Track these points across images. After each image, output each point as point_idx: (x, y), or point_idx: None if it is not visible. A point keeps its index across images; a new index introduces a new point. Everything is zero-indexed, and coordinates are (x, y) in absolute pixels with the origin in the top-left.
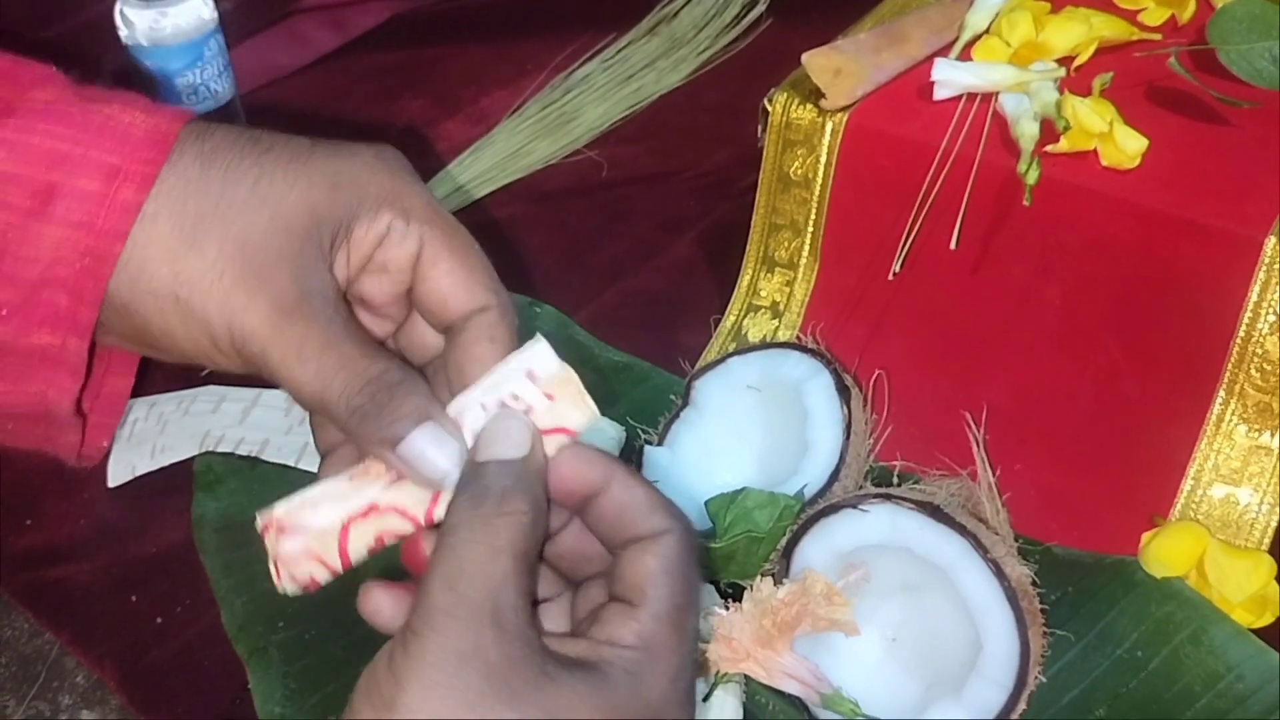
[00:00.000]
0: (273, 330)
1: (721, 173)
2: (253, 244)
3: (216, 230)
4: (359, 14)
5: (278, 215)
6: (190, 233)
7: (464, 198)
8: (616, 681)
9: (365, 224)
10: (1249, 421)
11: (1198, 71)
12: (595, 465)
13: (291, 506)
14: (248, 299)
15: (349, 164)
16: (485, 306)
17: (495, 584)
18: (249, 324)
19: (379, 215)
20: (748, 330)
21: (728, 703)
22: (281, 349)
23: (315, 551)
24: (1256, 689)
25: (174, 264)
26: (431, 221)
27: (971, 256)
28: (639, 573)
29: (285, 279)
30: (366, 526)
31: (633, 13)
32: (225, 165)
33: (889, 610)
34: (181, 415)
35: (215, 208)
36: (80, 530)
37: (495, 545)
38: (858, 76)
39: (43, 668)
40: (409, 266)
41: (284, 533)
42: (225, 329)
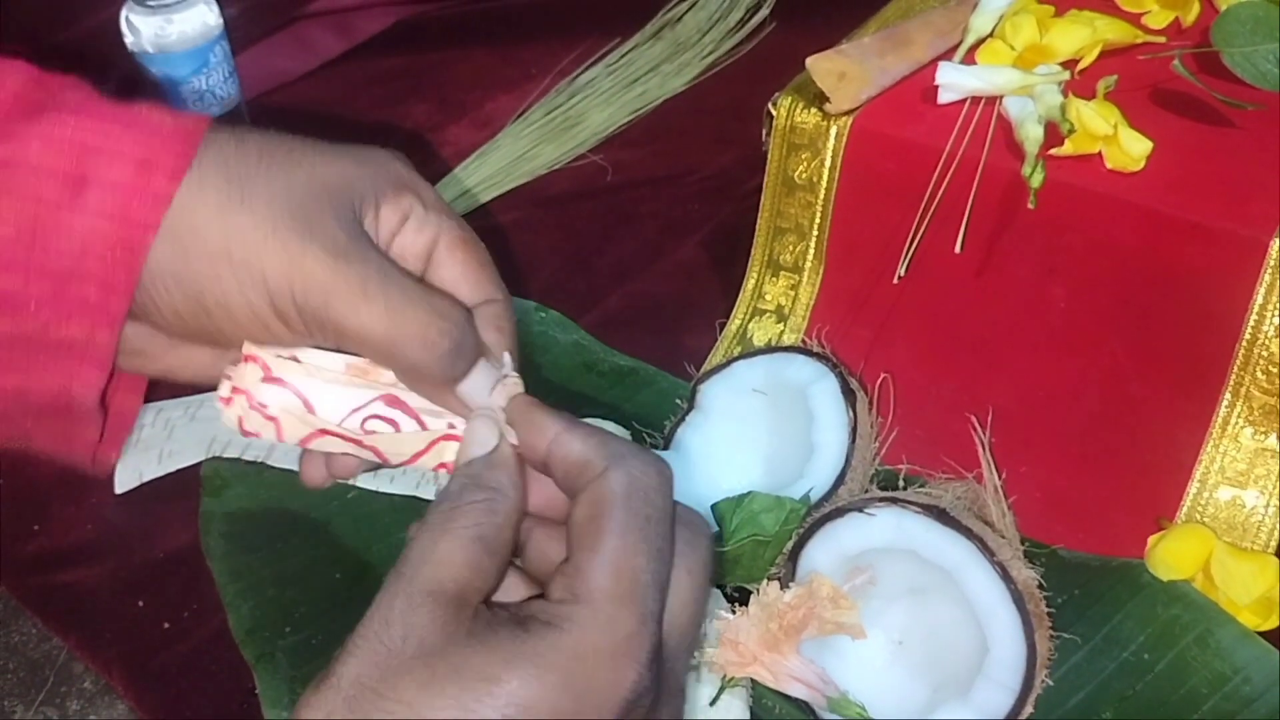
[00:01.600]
0: (333, 274)
1: (726, 176)
2: (298, 199)
3: (262, 187)
4: (364, 19)
5: (314, 176)
6: (237, 193)
7: (469, 202)
8: (533, 634)
9: (390, 203)
10: (1255, 424)
11: (1201, 74)
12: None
13: (283, 358)
14: (303, 246)
15: (370, 152)
16: (493, 299)
17: (436, 561)
18: (308, 269)
19: (402, 196)
20: (753, 334)
21: (734, 706)
22: (345, 289)
23: (281, 421)
24: (1263, 691)
25: (225, 223)
26: (446, 213)
27: (976, 259)
28: (571, 524)
29: (335, 227)
30: (337, 444)
31: (637, 17)
32: (257, 146)
33: (895, 613)
34: (188, 421)
35: (257, 171)
36: (88, 535)
37: (445, 531)
38: (862, 80)
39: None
40: (425, 254)
41: (269, 378)
42: (285, 281)
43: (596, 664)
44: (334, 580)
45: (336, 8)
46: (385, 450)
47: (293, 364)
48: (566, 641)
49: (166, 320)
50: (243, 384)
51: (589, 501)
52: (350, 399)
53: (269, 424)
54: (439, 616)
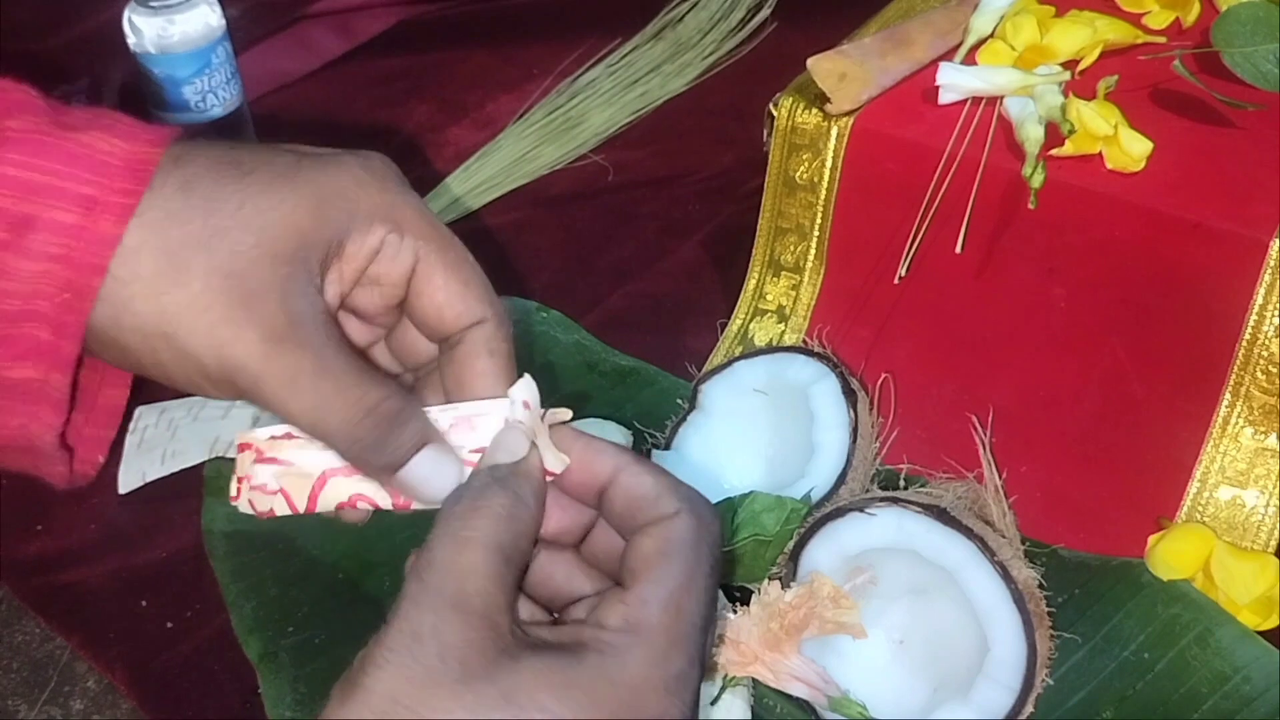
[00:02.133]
0: (264, 361)
1: (727, 176)
2: (238, 272)
3: (200, 260)
4: (365, 20)
5: (263, 241)
6: (173, 265)
7: (470, 203)
8: (586, 663)
9: (358, 239)
10: (1255, 424)
11: (1202, 74)
12: (603, 456)
13: (278, 438)
14: (236, 331)
15: (336, 179)
16: (482, 319)
17: (461, 571)
18: (238, 356)
19: (371, 230)
20: (754, 334)
21: (735, 705)
22: (274, 380)
23: (286, 488)
24: (1263, 690)
25: (159, 300)
26: (426, 235)
27: (977, 260)
28: (635, 556)
29: (273, 306)
30: (345, 484)
31: (638, 17)
32: (206, 193)
33: (896, 613)
34: (191, 421)
35: (198, 237)
36: (91, 535)
37: (465, 537)
38: (863, 81)
39: (54, 672)
40: (403, 281)
41: (261, 459)
42: (216, 363)
43: (648, 698)
44: (336, 580)
45: (338, 9)
46: None
47: (285, 441)
48: (619, 671)
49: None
50: (242, 471)
51: (660, 537)
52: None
53: (276, 498)
54: (473, 636)
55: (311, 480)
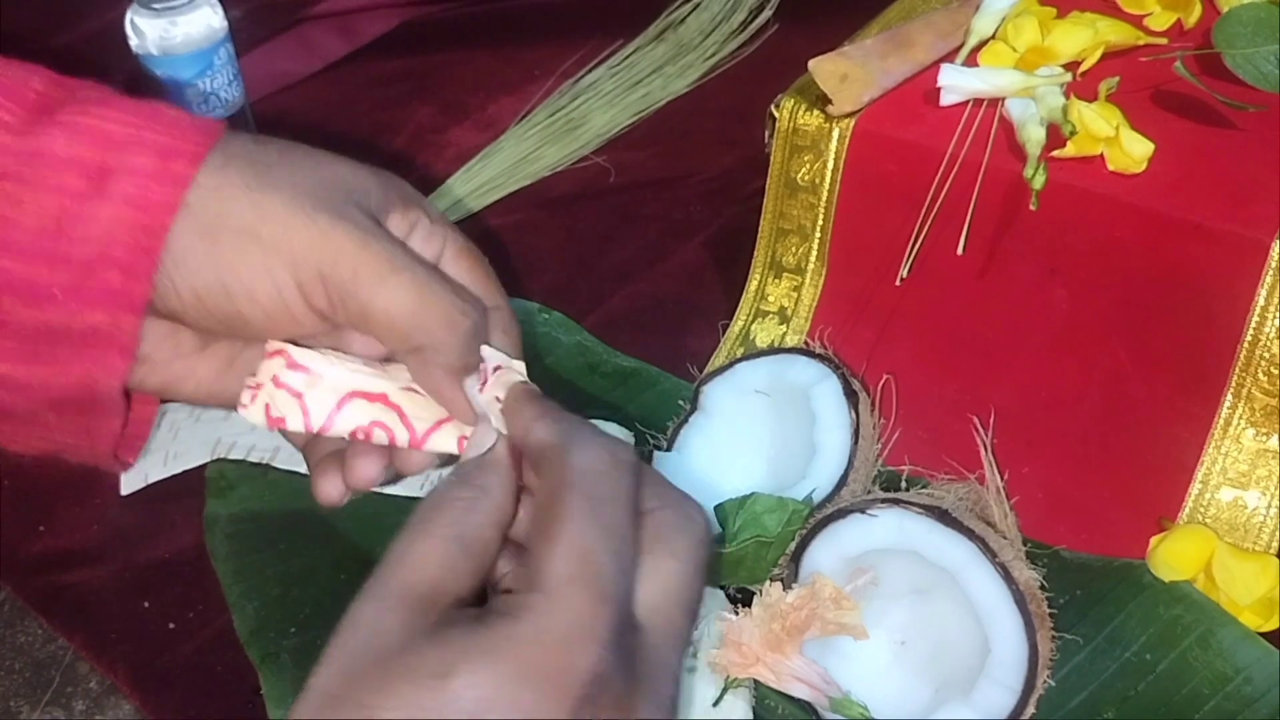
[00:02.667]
0: (362, 248)
1: (729, 177)
2: (323, 186)
3: (285, 175)
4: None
5: (335, 173)
6: (260, 177)
7: (472, 204)
8: (490, 625)
9: (400, 213)
10: (1256, 425)
11: (1203, 76)
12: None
13: (311, 355)
14: (332, 222)
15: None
16: (498, 305)
17: (411, 562)
18: (338, 244)
19: (410, 209)
20: (755, 335)
21: (737, 706)
22: (373, 265)
23: (308, 399)
24: (1264, 691)
25: (252, 201)
26: (450, 227)
27: (978, 261)
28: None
29: (359, 213)
30: (367, 409)
31: (640, 18)
32: (276, 143)
33: (897, 614)
34: (194, 423)
35: (279, 160)
36: (93, 535)
37: (423, 531)
38: (864, 82)
39: (56, 672)
40: (433, 262)
41: (292, 365)
42: (313, 257)
43: (552, 649)
44: (339, 581)
45: (340, 10)
46: (411, 414)
47: (317, 354)
48: (520, 630)
49: (186, 305)
50: (263, 377)
51: (545, 488)
52: (371, 385)
53: (294, 403)
54: (404, 619)
55: (337, 397)
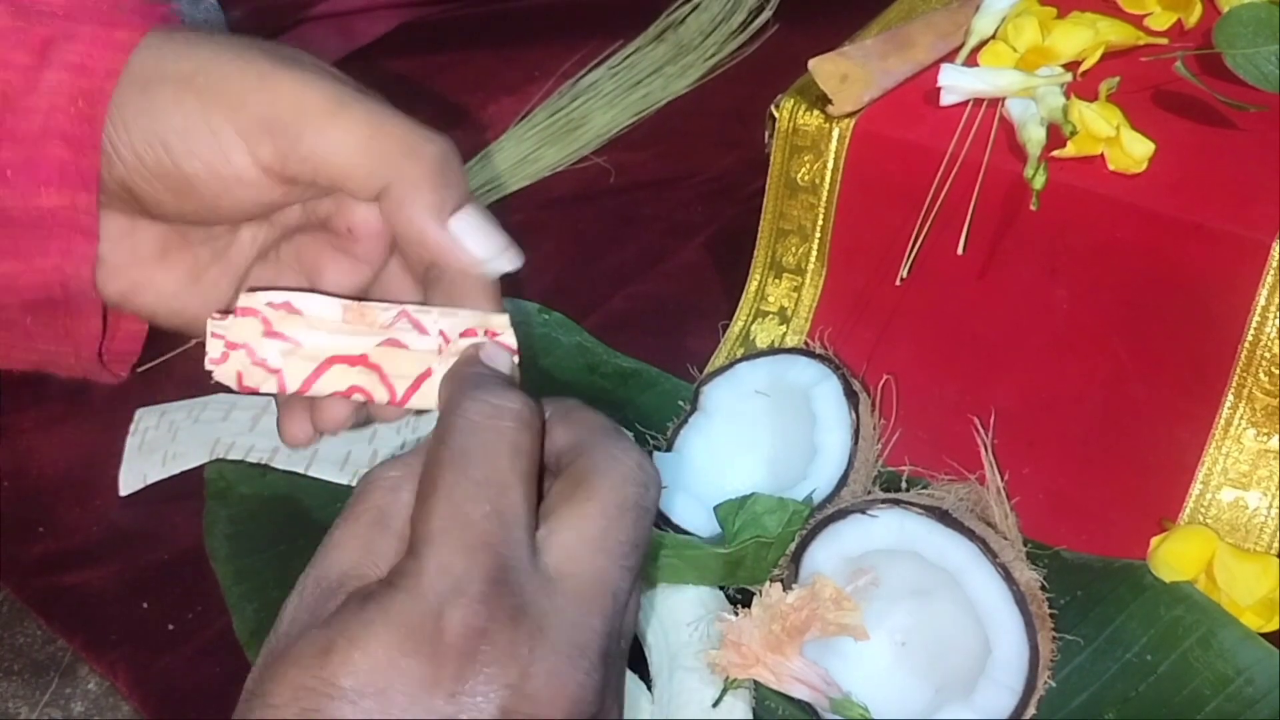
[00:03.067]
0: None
1: (729, 178)
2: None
3: (228, 39)
4: (366, 22)
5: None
6: (205, 37)
7: None
8: (375, 599)
9: None
10: (1257, 425)
11: (1204, 76)
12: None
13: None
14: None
15: None
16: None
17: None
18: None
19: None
20: (755, 335)
21: (737, 707)
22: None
23: (285, 368)
24: (1266, 692)
25: (192, 53)
26: None
27: (979, 261)
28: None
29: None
30: (346, 374)
31: (639, 19)
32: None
33: (898, 615)
34: (192, 423)
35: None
36: (92, 537)
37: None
38: (864, 82)
39: (55, 674)
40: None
41: (270, 333)
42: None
43: (423, 609)
44: None
45: (339, 11)
46: (391, 373)
47: (292, 317)
48: (392, 596)
49: (129, 170)
50: (240, 338)
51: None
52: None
53: (271, 376)
54: (310, 606)
55: (314, 364)
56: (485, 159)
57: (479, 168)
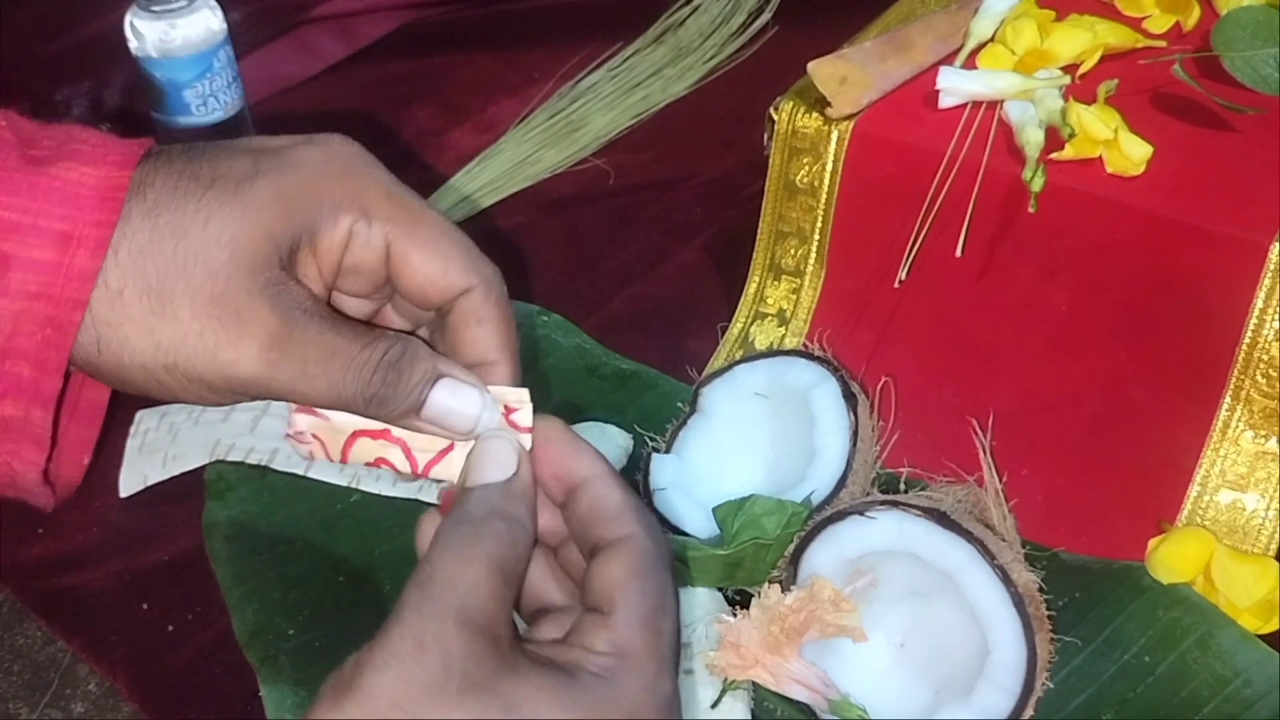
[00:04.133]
0: (271, 368)
1: (728, 180)
2: (221, 293)
3: (181, 289)
4: (367, 24)
5: (236, 254)
6: (159, 301)
7: (471, 206)
8: (587, 685)
9: (327, 234)
10: (1255, 427)
11: (1202, 78)
12: (581, 458)
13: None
14: (236, 350)
15: (296, 176)
16: (468, 288)
17: (464, 587)
18: (245, 371)
19: (338, 222)
20: (755, 337)
21: (736, 708)
22: (286, 380)
23: (323, 439)
24: (1263, 694)
25: (153, 337)
26: (393, 217)
27: (977, 263)
28: (607, 580)
29: (264, 314)
30: (371, 446)
31: (639, 21)
32: (172, 219)
33: (897, 616)
34: (192, 425)
35: (174, 266)
36: (92, 538)
37: (468, 555)
38: (863, 84)
39: (55, 675)
40: (380, 264)
41: (302, 409)
42: (224, 382)
43: (628, 710)
44: (337, 583)
45: (340, 12)
46: (414, 447)
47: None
48: (616, 696)
49: (101, 377)
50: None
51: (629, 560)
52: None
53: (314, 445)
54: (476, 649)
55: (343, 437)
56: (485, 160)
57: (479, 169)
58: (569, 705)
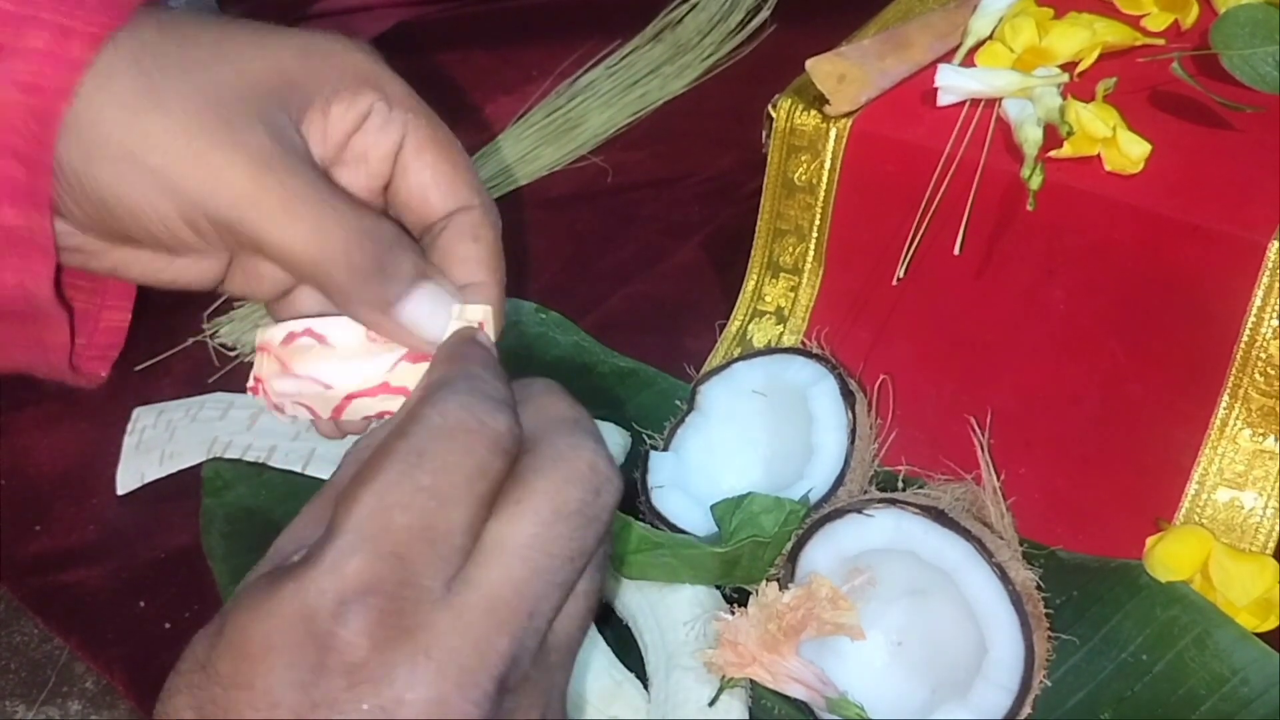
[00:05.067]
0: (256, 187)
1: (726, 178)
2: (220, 99)
3: (179, 85)
4: (364, 22)
5: (244, 73)
6: (151, 88)
7: None
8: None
9: (345, 102)
10: (1253, 425)
11: (1201, 76)
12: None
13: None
14: (224, 156)
15: (322, 40)
16: (469, 205)
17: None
18: (228, 181)
19: (360, 94)
20: (753, 335)
21: (733, 707)
22: (269, 208)
23: (309, 402)
24: (1261, 692)
25: (137, 123)
26: (415, 110)
27: (975, 261)
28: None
29: (262, 135)
30: (370, 402)
31: (637, 19)
32: (185, 31)
33: (894, 614)
34: (189, 422)
35: (177, 64)
36: (89, 535)
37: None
38: (862, 82)
39: (52, 672)
40: (389, 156)
41: (285, 370)
42: (199, 192)
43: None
44: None
45: (337, 10)
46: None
47: (310, 349)
48: (289, 587)
49: (75, 217)
50: (262, 374)
51: (389, 429)
52: (372, 369)
53: (299, 408)
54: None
55: (335, 401)
56: (483, 158)
57: (476, 166)
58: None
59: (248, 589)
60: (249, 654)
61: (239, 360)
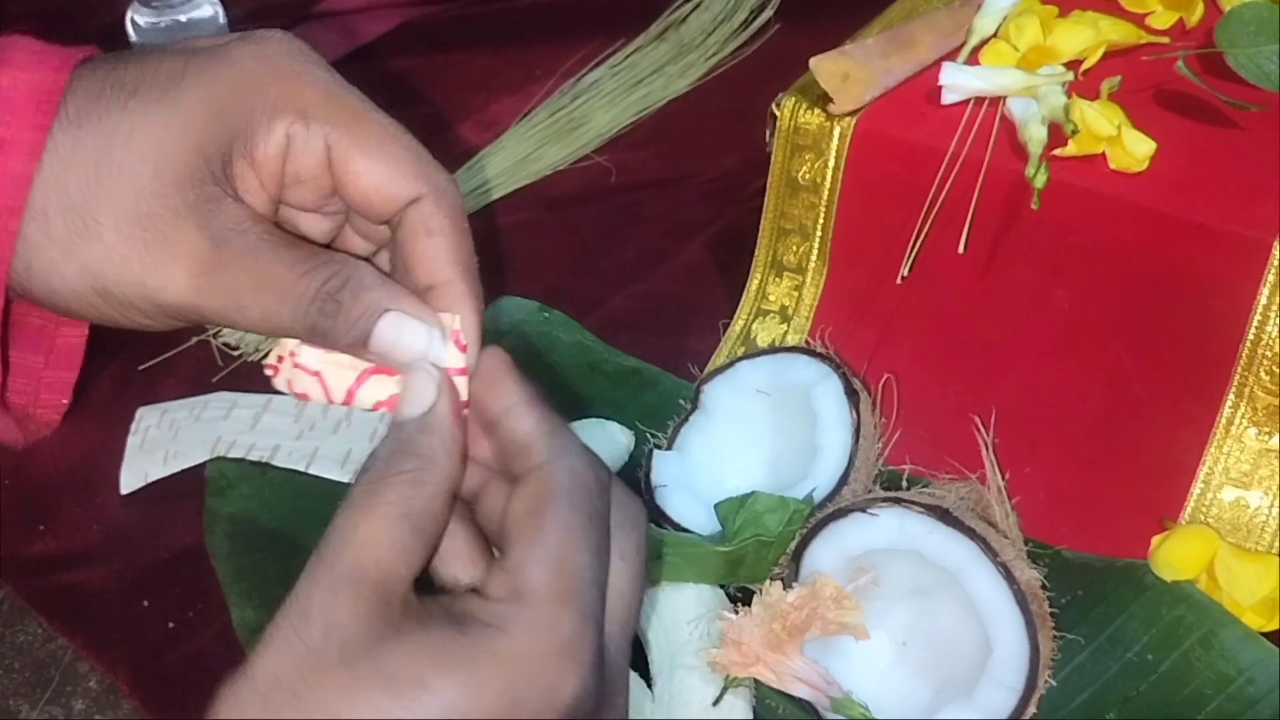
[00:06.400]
0: (201, 295)
1: (730, 178)
2: (146, 212)
3: (106, 208)
4: (368, 21)
5: (161, 170)
6: (82, 221)
7: (473, 203)
8: (474, 636)
9: (262, 142)
10: (1259, 424)
11: (1205, 75)
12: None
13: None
14: (163, 275)
15: (227, 79)
16: (416, 196)
17: (359, 542)
18: (174, 298)
19: (273, 127)
20: (757, 334)
21: (737, 706)
22: (217, 307)
23: (325, 376)
24: (1267, 692)
25: (80, 259)
26: (333, 119)
27: (980, 260)
28: (510, 516)
29: (193, 236)
30: (383, 383)
31: (641, 18)
32: (95, 128)
33: (898, 614)
34: (193, 422)
35: (98, 182)
36: (93, 535)
37: (366, 506)
38: (866, 81)
39: (56, 672)
40: (323, 172)
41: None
42: (155, 308)
43: (537, 668)
44: None
45: (341, 10)
46: None
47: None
48: (505, 644)
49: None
50: (284, 349)
51: (530, 494)
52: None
53: (314, 380)
54: (361, 610)
55: (353, 375)
56: (487, 158)
57: (480, 166)
58: (449, 661)
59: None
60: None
61: (242, 360)
